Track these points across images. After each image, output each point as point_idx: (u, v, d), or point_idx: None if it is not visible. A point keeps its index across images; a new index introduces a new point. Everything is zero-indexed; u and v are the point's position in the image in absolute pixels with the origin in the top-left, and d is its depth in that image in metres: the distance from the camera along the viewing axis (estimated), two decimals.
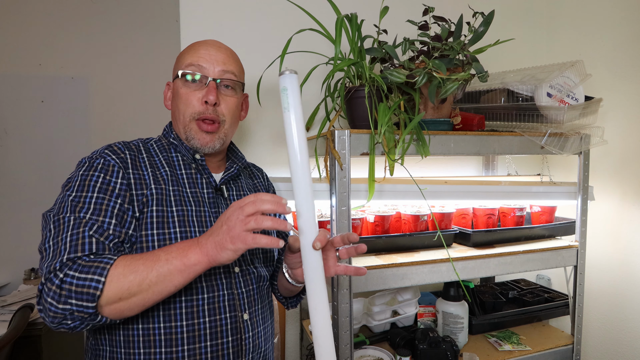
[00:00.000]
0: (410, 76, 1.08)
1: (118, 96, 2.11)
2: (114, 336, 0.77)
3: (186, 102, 0.85)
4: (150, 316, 0.77)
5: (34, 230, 2.02)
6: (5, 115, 1.98)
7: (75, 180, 0.78)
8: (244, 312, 0.84)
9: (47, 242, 0.70)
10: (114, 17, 2.09)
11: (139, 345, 0.76)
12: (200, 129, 0.86)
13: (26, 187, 2.01)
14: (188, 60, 0.86)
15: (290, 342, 1.52)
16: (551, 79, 1.20)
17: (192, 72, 0.84)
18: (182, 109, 0.86)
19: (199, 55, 0.86)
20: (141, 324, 0.77)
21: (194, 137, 0.86)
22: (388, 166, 1.08)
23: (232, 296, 0.83)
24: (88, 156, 0.83)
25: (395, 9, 1.29)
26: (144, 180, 0.81)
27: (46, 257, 0.69)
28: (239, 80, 0.90)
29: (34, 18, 2.00)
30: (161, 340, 0.76)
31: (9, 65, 1.97)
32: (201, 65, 0.85)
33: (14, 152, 1.99)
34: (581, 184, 1.34)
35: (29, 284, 1.94)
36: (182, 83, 0.86)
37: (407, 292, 1.39)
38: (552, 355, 1.30)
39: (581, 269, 1.34)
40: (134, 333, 0.76)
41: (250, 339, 0.85)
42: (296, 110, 0.69)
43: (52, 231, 0.71)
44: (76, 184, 0.77)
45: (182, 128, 0.87)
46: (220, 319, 0.81)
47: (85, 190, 0.76)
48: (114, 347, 0.77)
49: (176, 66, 0.89)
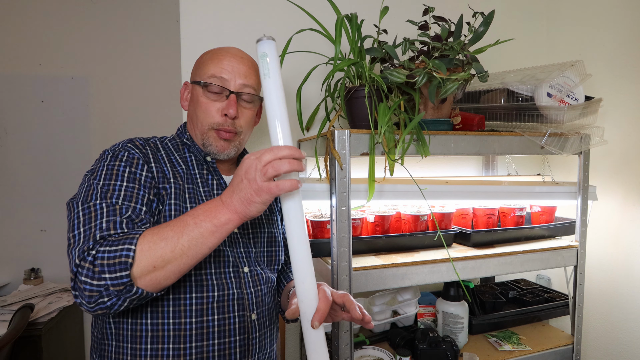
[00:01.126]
0: (410, 76, 1.08)
1: (118, 96, 2.11)
2: (120, 330, 0.77)
3: (205, 112, 0.86)
4: (159, 312, 0.77)
5: (34, 230, 2.03)
6: (5, 115, 1.98)
7: (100, 170, 0.78)
8: (252, 312, 0.85)
9: (76, 229, 0.70)
10: (114, 17, 2.09)
11: (146, 340, 0.76)
12: (219, 136, 0.87)
13: (26, 187, 2.01)
14: (211, 71, 0.86)
15: (290, 342, 1.52)
16: (551, 79, 1.20)
17: (213, 83, 0.85)
18: (201, 117, 0.87)
19: (222, 67, 0.86)
20: (150, 319, 0.76)
21: (211, 144, 0.88)
22: (388, 166, 1.08)
23: (242, 295, 0.84)
24: (110, 148, 0.82)
25: (395, 9, 1.29)
26: (165, 175, 0.82)
27: (76, 243, 0.68)
28: (257, 95, 0.92)
29: (34, 18, 2.00)
30: (169, 336, 0.76)
31: (9, 65, 1.97)
32: (223, 77, 0.86)
33: (14, 152, 1.99)
34: (581, 184, 1.34)
35: (29, 284, 1.95)
36: (202, 91, 0.87)
37: (407, 292, 1.39)
38: (552, 355, 1.30)
39: (581, 269, 1.34)
40: (142, 328, 0.76)
41: (257, 339, 0.85)
42: (276, 77, 0.68)
43: (82, 218, 0.71)
44: (103, 173, 0.77)
45: (200, 134, 0.88)
46: (229, 317, 0.81)
47: (114, 179, 0.76)
48: (120, 342, 0.77)
49: (198, 71, 0.89)
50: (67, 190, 2.04)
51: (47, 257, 2.04)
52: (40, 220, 2.03)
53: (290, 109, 1.45)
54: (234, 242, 0.87)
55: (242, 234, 0.90)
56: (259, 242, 0.93)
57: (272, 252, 0.96)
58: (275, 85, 0.69)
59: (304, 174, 1.48)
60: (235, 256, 0.86)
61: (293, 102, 1.35)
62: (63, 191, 2.04)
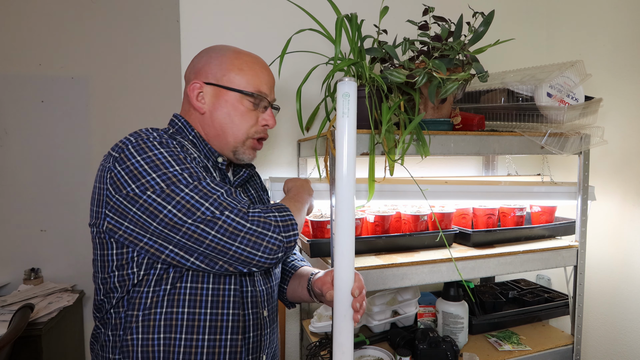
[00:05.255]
0: (410, 76, 1.08)
1: (118, 96, 2.11)
2: (132, 318, 0.76)
3: (246, 120, 0.89)
4: (175, 300, 0.77)
5: (34, 230, 2.03)
6: (5, 115, 1.98)
7: (161, 157, 0.73)
8: (264, 309, 0.87)
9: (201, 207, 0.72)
10: (114, 17, 2.09)
11: (159, 330, 0.76)
12: (254, 148, 0.93)
13: (26, 187, 2.01)
14: (254, 84, 0.89)
15: (290, 342, 1.52)
16: (551, 79, 1.20)
17: (260, 96, 0.89)
18: (239, 124, 0.89)
19: (262, 80, 0.90)
20: (165, 307, 0.76)
21: (245, 152, 0.91)
22: (388, 166, 1.08)
23: (255, 293, 0.85)
24: (141, 138, 0.75)
25: (395, 9, 1.29)
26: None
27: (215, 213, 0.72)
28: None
29: (34, 18, 2.00)
30: (182, 325, 0.77)
31: (9, 65, 1.97)
32: (264, 92, 0.91)
33: (14, 152, 1.99)
34: (581, 184, 1.34)
35: (29, 284, 1.95)
36: (242, 99, 0.88)
37: (407, 292, 1.39)
38: (552, 355, 1.30)
39: (581, 269, 1.34)
40: (156, 317, 0.76)
41: (268, 335, 0.88)
42: (353, 117, 0.73)
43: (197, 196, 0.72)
44: (170, 159, 0.74)
45: (234, 141, 0.89)
46: (244, 314, 0.82)
47: (182, 163, 0.75)
48: (127, 334, 0.76)
49: (231, 77, 0.87)
50: (67, 190, 2.04)
51: (47, 257, 2.04)
52: (40, 220, 2.03)
53: (291, 109, 1.45)
54: None
55: None
56: None
57: None
58: (351, 126, 0.74)
59: (304, 173, 1.49)
60: None
61: (293, 102, 1.35)
62: (63, 191, 2.04)
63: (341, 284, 0.75)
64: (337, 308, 0.75)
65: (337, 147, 0.74)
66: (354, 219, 0.75)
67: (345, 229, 0.74)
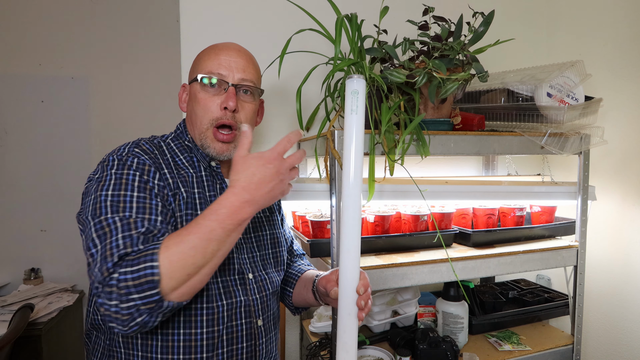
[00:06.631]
0: (410, 76, 1.08)
1: (118, 96, 2.10)
2: (130, 339, 0.77)
3: (205, 108, 0.83)
4: (169, 321, 0.76)
5: (34, 230, 2.02)
6: (5, 115, 1.97)
7: (108, 179, 0.73)
8: (258, 318, 0.85)
9: (92, 247, 0.66)
10: (114, 17, 2.09)
11: (156, 350, 0.76)
12: (216, 138, 0.84)
13: (26, 187, 2.01)
14: (208, 67, 0.84)
15: (290, 342, 1.52)
16: (551, 79, 1.20)
17: (210, 76, 0.83)
18: (200, 114, 0.84)
19: (219, 62, 0.84)
20: (159, 329, 0.76)
21: (209, 145, 0.85)
22: (388, 166, 1.08)
23: (248, 302, 0.83)
24: (115, 154, 0.77)
25: (395, 9, 1.29)
26: (175, 181, 0.80)
27: (94, 263, 0.65)
28: (257, 87, 0.89)
29: (34, 18, 1.99)
30: (179, 347, 0.76)
31: (9, 65, 1.97)
32: (221, 73, 0.84)
33: (14, 152, 1.99)
34: (581, 184, 1.34)
35: (29, 284, 1.94)
36: (200, 87, 0.84)
37: (407, 292, 1.39)
38: (552, 355, 1.30)
39: (581, 269, 1.34)
40: (153, 337, 0.76)
41: (263, 344, 0.86)
42: (362, 115, 0.73)
43: (96, 233, 0.67)
44: (111, 182, 0.72)
45: (198, 135, 0.85)
46: (237, 325, 0.81)
47: (124, 189, 0.71)
48: (130, 350, 0.76)
49: (195, 69, 0.88)
50: (67, 190, 2.04)
51: (47, 257, 2.04)
52: (40, 220, 2.03)
53: (290, 109, 1.45)
54: (239, 247, 0.87)
55: (245, 239, 0.89)
56: (262, 245, 0.93)
57: (277, 253, 0.96)
58: (359, 123, 0.73)
59: (304, 174, 1.49)
60: (240, 262, 0.85)
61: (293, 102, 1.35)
62: (63, 191, 2.04)
63: (346, 281, 0.74)
64: (342, 306, 0.75)
65: (345, 144, 0.74)
66: (360, 214, 0.74)
67: (351, 225, 0.73)
